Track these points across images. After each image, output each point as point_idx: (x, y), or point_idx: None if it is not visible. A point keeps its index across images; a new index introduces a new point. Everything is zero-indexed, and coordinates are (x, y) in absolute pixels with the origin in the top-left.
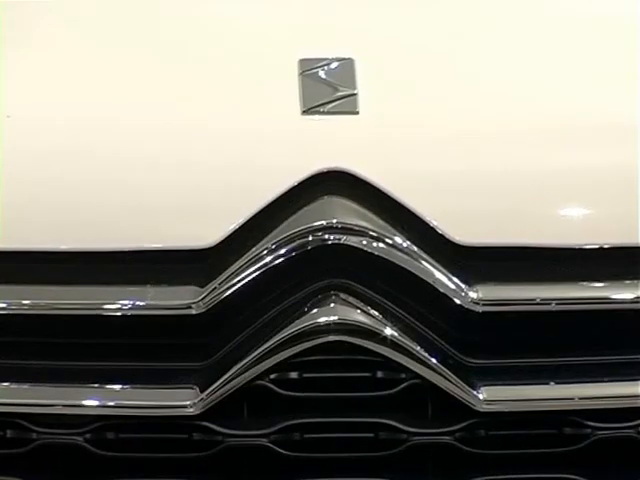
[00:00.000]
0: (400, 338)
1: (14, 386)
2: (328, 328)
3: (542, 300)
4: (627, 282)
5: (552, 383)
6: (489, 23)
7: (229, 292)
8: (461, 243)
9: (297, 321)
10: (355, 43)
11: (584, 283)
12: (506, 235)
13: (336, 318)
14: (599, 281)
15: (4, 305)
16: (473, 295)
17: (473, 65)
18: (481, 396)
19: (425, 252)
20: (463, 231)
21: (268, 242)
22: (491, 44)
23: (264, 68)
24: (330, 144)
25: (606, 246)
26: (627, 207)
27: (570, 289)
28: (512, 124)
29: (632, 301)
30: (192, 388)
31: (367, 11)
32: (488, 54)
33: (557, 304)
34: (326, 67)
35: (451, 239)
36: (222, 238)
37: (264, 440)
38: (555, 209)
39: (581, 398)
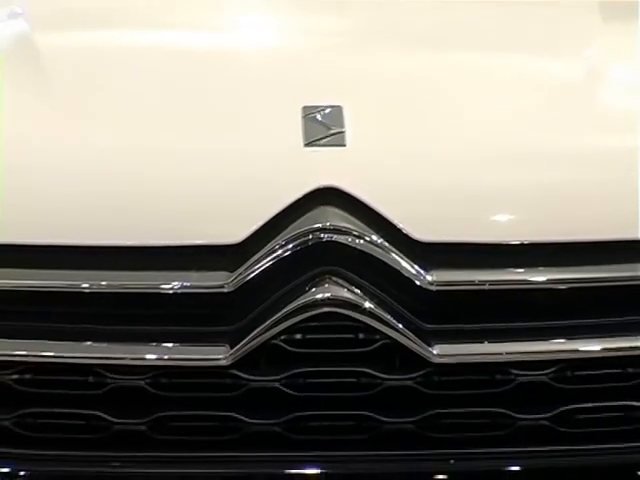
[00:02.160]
0: (375, 309)
1: (95, 344)
2: (323, 302)
3: (479, 282)
4: (540, 269)
5: (486, 342)
6: (451, 72)
7: (251, 276)
8: (420, 240)
9: (300, 297)
10: (343, 94)
11: (508, 269)
12: (453, 234)
13: (329, 295)
14: (519, 267)
15: (89, 286)
16: (429, 278)
17: (436, 109)
18: (434, 351)
19: (394, 247)
20: (422, 231)
21: (279, 239)
22: (453, 89)
23: (278, 112)
24: (325, 168)
25: (523, 242)
26: (539, 213)
27: (498, 274)
28: (465, 150)
29: (544, 282)
30: (224, 346)
31: (353, 66)
32: (449, 97)
33: (489, 285)
34: (322, 112)
35: (413, 237)
36: (246, 236)
37: (276, 384)
38: (488, 215)
39: (507, 353)
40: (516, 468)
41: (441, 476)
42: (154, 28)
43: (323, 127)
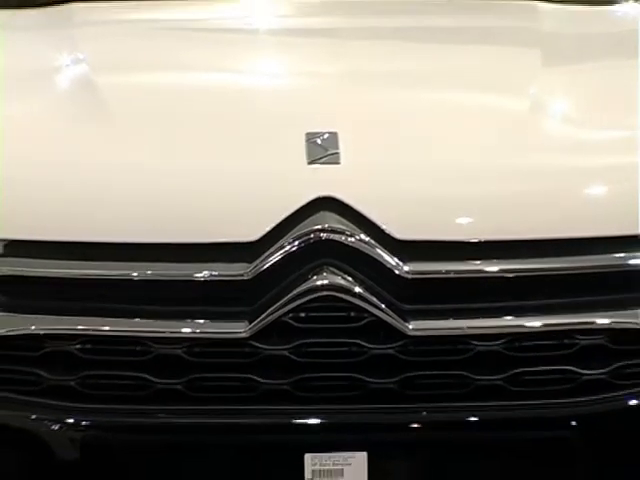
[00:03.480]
0: (364, 293)
1: (142, 321)
2: (322, 287)
3: (445, 271)
4: (494, 260)
5: (451, 319)
6: (425, 106)
7: (265, 266)
8: (399, 238)
9: (304, 283)
10: (338, 123)
11: (468, 261)
12: (426, 234)
13: (327, 282)
14: (476, 260)
15: (138, 275)
16: (406, 269)
17: (412, 135)
18: (410, 327)
19: (378, 243)
20: (401, 231)
21: (288, 238)
22: (426, 120)
23: (287, 137)
24: (323, 181)
25: (480, 240)
26: (493, 217)
27: (460, 265)
28: (436, 167)
29: (496, 272)
30: (244, 322)
31: (346, 101)
32: (422, 126)
33: (454, 274)
34: (321, 137)
35: (394, 236)
36: (261, 235)
37: (285, 352)
38: (453, 219)
39: (468, 327)
40: (475, 419)
41: (415, 425)
42: (187, 71)
43: (322, 149)
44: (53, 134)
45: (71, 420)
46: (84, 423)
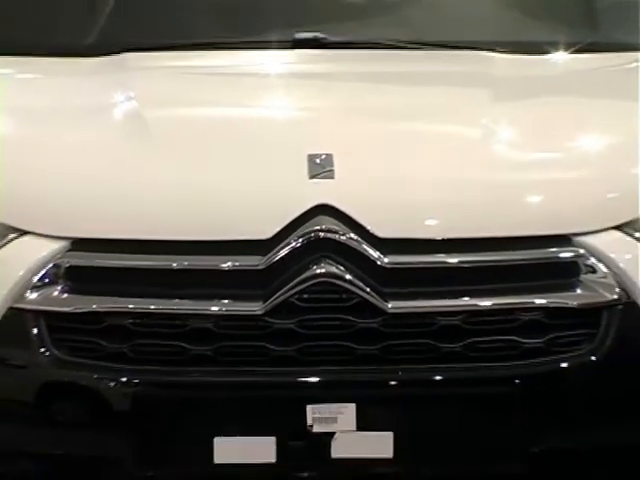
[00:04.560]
0: (353, 279)
1: (180, 301)
2: (321, 275)
3: (417, 262)
4: (454, 254)
5: (421, 300)
6: (402, 135)
7: (276, 258)
8: (381, 236)
9: (306, 272)
10: (333, 147)
11: (435, 254)
12: (402, 233)
13: (324, 271)
14: (441, 253)
15: (177, 265)
16: (386, 260)
17: (392, 156)
18: (389, 305)
19: (364, 240)
20: (382, 231)
21: (294, 236)
22: (403, 145)
23: (292, 158)
24: (321, 192)
25: (443, 237)
26: (455, 219)
27: (429, 257)
28: (410, 179)
29: (456, 263)
30: (259, 302)
31: (340, 130)
32: (400, 150)
33: (423, 264)
34: (320, 158)
35: (376, 235)
36: (273, 234)
37: (291, 325)
38: (423, 221)
39: (433, 306)
40: (440, 377)
41: (393, 382)
42: (214, 105)
43: (320, 167)
44: (108, 156)
45: (124, 379)
46: (134, 381)
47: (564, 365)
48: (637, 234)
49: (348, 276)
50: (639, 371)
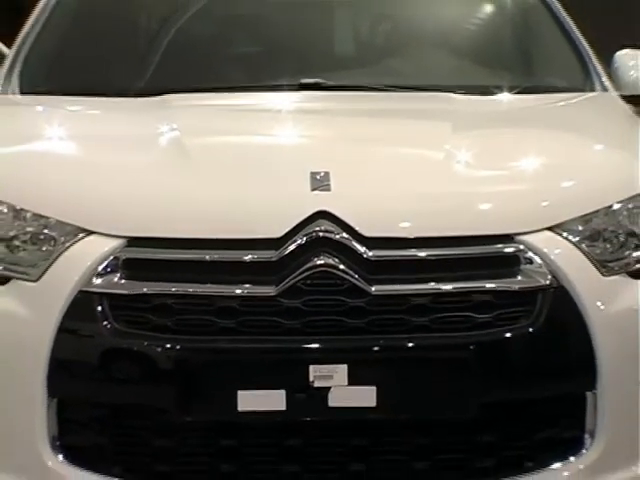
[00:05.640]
0: (345, 269)
1: (210, 285)
2: (320, 265)
3: (395, 255)
4: (424, 248)
5: (398, 285)
6: (386, 157)
7: (286, 252)
8: (367, 235)
9: (309, 263)
10: (330, 165)
11: (409, 249)
12: (383, 232)
13: (323, 262)
14: (413, 249)
15: (210, 257)
16: (370, 254)
17: (377, 173)
18: (373, 289)
19: (353, 238)
20: (367, 230)
21: (299, 235)
22: (386, 164)
23: (298, 174)
24: (321, 201)
25: (417, 236)
26: (425, 222)
27: (403, 251)
28: (389, 191)
29: (426, 256)
30: (272, 286)
31: (336, 152)
32: (383, 167)
33: (400, 257)
34: (319, 174)
35: (363, 234)
36: (283, 234)
37: (298, 304)
38: (399, 223)
39: (407, 289)
40: (412, 344)
41: (376, 348)
42: (240, 135)
43: (320, 181)
44: (156, 174)
45: (168, 345)
46: (177, 347)
47: (508, 335)
48: (564, 233)
49: (341, 266)
50: (566, 339)
